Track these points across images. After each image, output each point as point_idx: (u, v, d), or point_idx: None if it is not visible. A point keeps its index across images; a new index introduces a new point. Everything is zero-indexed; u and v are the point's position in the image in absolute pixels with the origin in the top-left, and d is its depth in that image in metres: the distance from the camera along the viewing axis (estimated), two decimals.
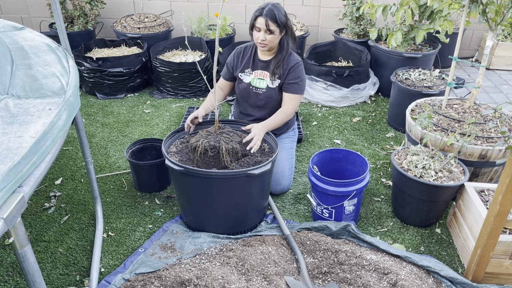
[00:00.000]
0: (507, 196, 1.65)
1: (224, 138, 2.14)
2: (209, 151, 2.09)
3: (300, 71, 2.46)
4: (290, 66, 2.44)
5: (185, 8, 4.77)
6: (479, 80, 2.53)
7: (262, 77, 2.51)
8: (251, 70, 2.53)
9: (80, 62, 3.71)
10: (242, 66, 2.56)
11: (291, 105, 2.47)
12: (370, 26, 4.11)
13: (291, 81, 2.45)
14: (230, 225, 2.21)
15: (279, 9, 2.31)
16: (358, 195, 2.21)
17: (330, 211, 2.24)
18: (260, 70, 2.51)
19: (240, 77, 2.57)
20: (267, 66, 2.49)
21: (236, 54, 2.60)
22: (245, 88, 2.55)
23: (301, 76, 2.47)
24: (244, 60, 2.56)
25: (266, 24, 2.27)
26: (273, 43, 2.36)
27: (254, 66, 2.53)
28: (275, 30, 2.30)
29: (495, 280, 1.95)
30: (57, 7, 1.94)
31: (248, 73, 2.54)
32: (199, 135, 2.18)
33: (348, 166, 2.44)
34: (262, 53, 2.49)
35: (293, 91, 2.46)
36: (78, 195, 2.55)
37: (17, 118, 1.34)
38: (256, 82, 2.52)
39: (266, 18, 2.26)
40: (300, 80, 2.46)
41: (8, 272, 2.00)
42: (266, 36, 2.32)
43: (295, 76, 2.45)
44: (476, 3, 2.40)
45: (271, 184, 2.47)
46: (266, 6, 2.30)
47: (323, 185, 2.17)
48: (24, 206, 1.10)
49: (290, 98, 2.47)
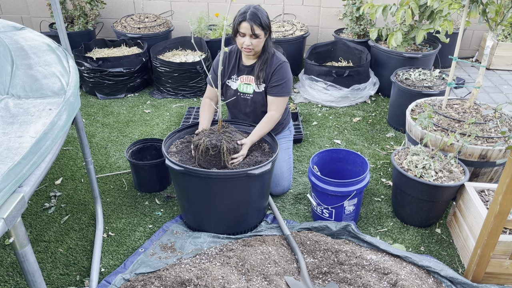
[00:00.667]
0: (507, 196, 1.65)
1: (226, 137, 2.14)
2: (211, 150, 2.09)
3: (283, 72, 2.35)
4: (273, 68, 2.34)
5: (185, 8, 4.77)
6: (479, 80, 2.53)
7: (248, 81, 2.41)
8: (236, 76, 2.44)
9: (80, 62, 3.71)
10: (228, 73, 2.46)
11: (275, 111, 2.37)
12: (370, 26, 4.11)
13: (274, 83, 2.35)
14: (230, 225, 2.21)
15: (262, 12, 2.23)
16: (358, 195, 2.21)
17: (330, 211, 2.24)
18: (245, 75, 2.42)
19: (227, 83, 2.48)
20: (252, 70, 2.40)
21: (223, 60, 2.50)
22: (233, 95, 2.47)
23: (285, 77, 2.35)
24: (230, 66, 2.45)
25: (252, 28, 2.18)
26: (258, 47, 2.28)
27: (240, 72, 2.44)
28: (260, 33, 2.21)
29: (495, 280, 1.95)
30: (57, 7, 1.94)
31: (234, 79, 2.45)
32: (201, 134, 2.18)
33: (348, 166, 2.44)
34: (246, 57, 2.40)
35: (276, 93, 2.35)
36: (78, 195, 2.55)
37: (17, 118, 1.34)
38: (243, 87, 2.43)
39: (251, 22, 2.17)
40: (284, 81, 2.35)
41: (8, 272, 2.00)
42: (251, 41, 2.22)
43: (279, 78, 2.34)
44: (476, 3, 2.40)
45: (271, 185, 2.48)
46: (247, 10, 2.21)
47: (323, 185, 2.17)
48: (24, 206, 1.10)
49: (274, 102, 2.37)
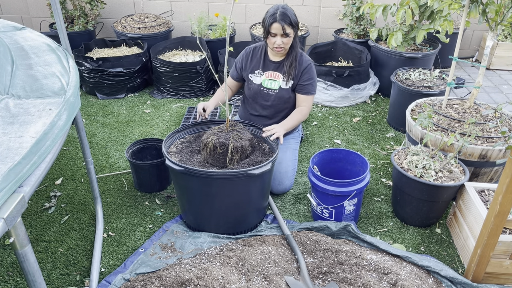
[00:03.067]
0: (507, 196, 1.65)
1: (234, 136, 2.15)
2: (218, 148, 2.10)
3: (313, 72, 2.50)
4: (304, 67, 2.46)
5: (185, 8, 4.77)
6: (479, 80, 2.53)
7: (274, 78, 2.51)
8: (262, 71, 2.54)
9: (80, 62, 3.71)
10: (251, 67, 2.56)
11: (306, 106, 2.51)
12: (370, 26, 4.11)
13: (305, 82, 2.48)
14: (230, 225, 2.21)
15: (290, 11, 2.33)
16: (358, 195, 2.21)
17: (330, 211, 2.24)
18: (272, 71, 2.52)
19: (250, 78, 2.57)
20: (279, 67, 2.50)
21: (244, 55, 2.60)
22: (255, 89, 2.56)
23: (314, 77, 2.50)
24: (253, 62, 2.56)
25: (283, 28, 2.28)
26: (288, 45, 2.38)
27: (265, 67, 2.54)
28: (290, 32, 2.31)
29: (495, 280, 1.95)
30: (57, 7, 1.94)
31: (259, 74, 2.55)
32: (210, 132, 2.19)
33: (348, 166, 2.45)
34: (273, 54, 2.50)
35: (307, 92, 2.50)
36: (78, 195, 2.55)
37: (17, 118, 1.34)
38: (267, 83, 2.52)
39: (282, 23, 2.27)
40: (313, 81, 2.50)
41: (8, 272, 2.00)
42: (282, 40, 2.33)
43: (309, 78, 2.48)
44: (476, 3, 2.40)
45: (273, 183, 2.49)
46: (276, 10, 2.30)
47: (323, 185, 2.17)
48: (24, 206, 1.10)
49: (305, 99, 2.51)
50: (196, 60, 3.79)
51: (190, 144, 2.32)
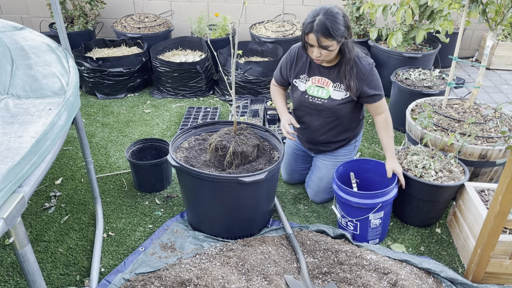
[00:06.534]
0: (507, 196, 1.65)
1: (239, 140, 2.12)
2: (220, 150, 2.09)
3: (375, 77, 2.13)
4: (363, 79, 2.09)
5: (185, 8, 4.76)
6: (479, 80, 2.53)
7: (322, 85, 2.15)
8: (307, 76, 2.18)
9: (80, 62, 3.71)
10: (296, 72, 2.20)
11: (384, 111, 2.19)
12: (370, 26, 4.11)
13: (372, 91, 2.12)
14: (223, 228, 2.17)
15: (333, 17, 1.91)
16: (385, 208, 2.07)
17: (355, 224, 2.12)
18: (319, 76, 2.15)
19: (294, 83, 2.22)
20: (329, 73, 2.14)
21: (289, 57, 2.23)
22: (298, 97, 2.21)
23: (377, 82, 2.14)
24: (298, 64, 2.19)
25: (318, 41, 1.92)
26: (329, 56, 2.02)
27: (312, 72, 2.17)
28: (330, 44, 1.94)
29: (495, 280, 1.95)
30: (57, 7, 1.94)
31: (304, 79, 2.19)
32: (217, 134, 2.18)
33: (377, 178, 2.28)
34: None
35: (377, 99, 2.15)
36: (78, 195, 2.55)
37: (17, 118, 1.34)
38: (314, 90, 2.17)
39: (317, 34, 1.91)
40: (378, 86, 2.15)
41: (8, 272, 2.00)
42: (321, 51, 1.98)
43: (374, 84, 2.12)
44: (476, 3, 2.40)
45: (309, 193, 2.50)
46: (315, 17, 1.92)
47: (346, 196, 2.06)
48: (24, 206, 1.10)
49: (380, 106, 2.18)
50: (196, 60, 3.79)
51: (204, 141, 2.30)
